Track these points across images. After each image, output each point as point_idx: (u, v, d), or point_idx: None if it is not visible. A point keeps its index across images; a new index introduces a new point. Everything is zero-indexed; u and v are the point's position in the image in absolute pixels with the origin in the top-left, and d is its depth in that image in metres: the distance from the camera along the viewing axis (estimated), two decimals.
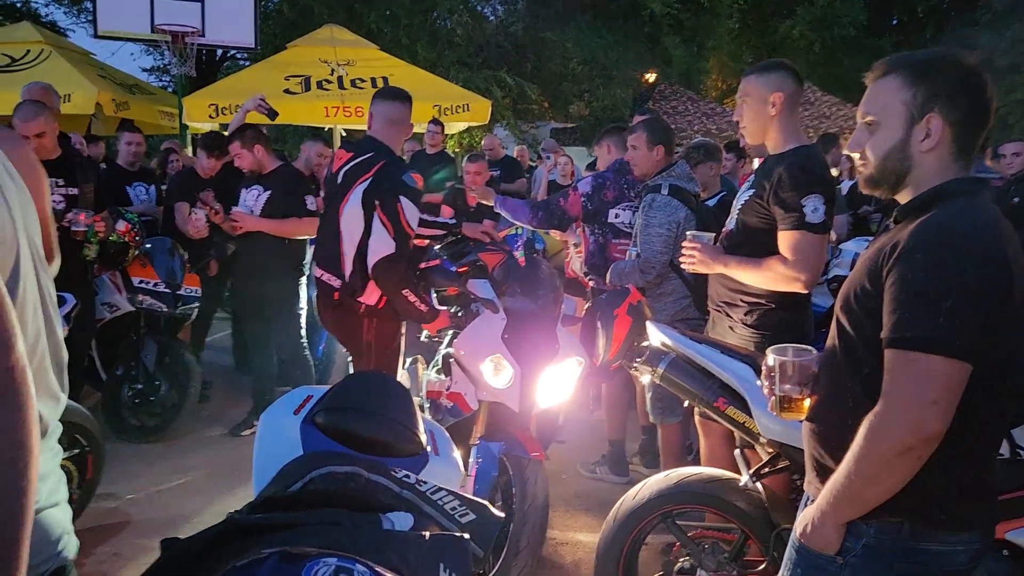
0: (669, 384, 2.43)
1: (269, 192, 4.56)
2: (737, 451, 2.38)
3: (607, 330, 2.91)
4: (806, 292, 2.64)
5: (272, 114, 5.45)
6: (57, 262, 2.28)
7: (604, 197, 3.99)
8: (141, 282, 4.72)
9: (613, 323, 2.90)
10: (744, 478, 2.28)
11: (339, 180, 3.32)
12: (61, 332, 1.21)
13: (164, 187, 5.86)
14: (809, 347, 1.70)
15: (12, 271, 1.03)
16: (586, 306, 3.72)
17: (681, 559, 2.37)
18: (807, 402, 1.65)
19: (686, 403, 2.72)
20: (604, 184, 4.02)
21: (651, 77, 17.70)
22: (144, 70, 21.79)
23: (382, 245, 3.15)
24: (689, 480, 2.34)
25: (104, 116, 8.98)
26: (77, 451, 3.34)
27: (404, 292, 3.18)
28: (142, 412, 4.75)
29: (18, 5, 17.58)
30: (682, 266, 2.95)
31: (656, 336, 2.50)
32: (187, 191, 5.22)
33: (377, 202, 3.16)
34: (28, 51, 8.89)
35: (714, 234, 2.92)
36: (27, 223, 1.13)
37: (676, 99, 17.56)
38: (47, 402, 1.14)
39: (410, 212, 3.18)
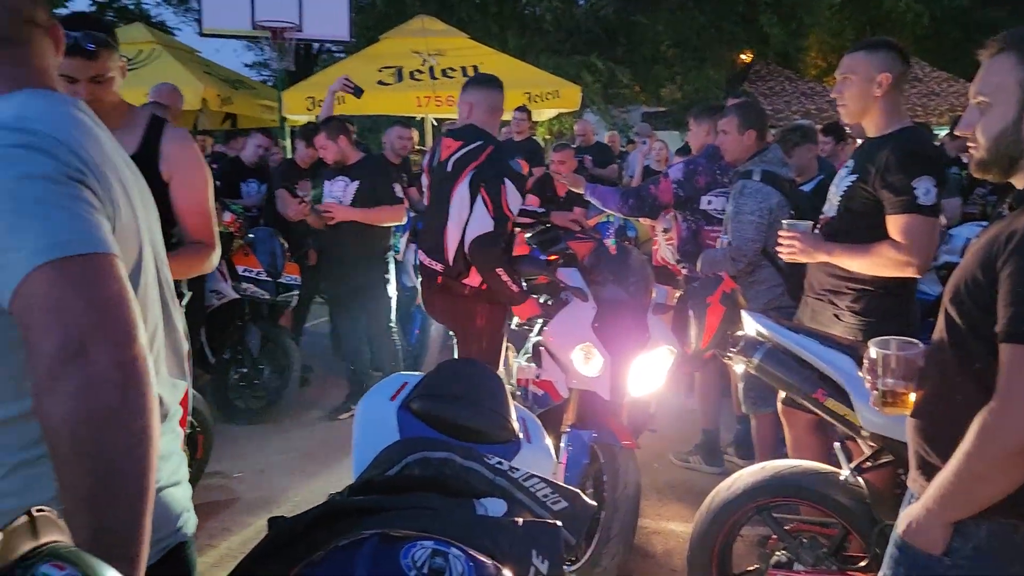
0: (765, 375, 2.38)
1: (357, 182, 4.70)
2: (837, 444, 2.31)
3: (700, 319, 2.86)
4: (917, 277, 2.57)
5: (358, 91, 5.57)
6: (217, 252, 2.42)
7: (696, 184, 3.92)
8: (245, 271, 4.91)
9: (706, 311, 2.85)
10: (845, 472, 2.21)
11: (449, 168, 3.38)
12: (182, 322, 1.28)
13: None
14: (914, 340, 1.64)
15: (135, 265, 1.09)
16: (678, 294, 3.67)
17: (778, 552, 2.32)
18: (912, 397, 1.59)
19: (782, 395, 2.66)
20: (696, 170, 3.94)
21: (746, 57, 17.20)
22: (246, 65, 22.63)
23: (481, 224, 3.21)
24: (786, 472, 2.28)
25: (210, 111, 9.39)
26: (189, 431, 3.52)
27: (498, 271, 3.23)
28: (247, 395, 4.96)
29: (130, 7, 18.54)
30: (781, 256, 2.87)
31: (752, 325, 2.45)
32: (287, 180, 5.42)
33: (482, 184, 3.23)
34: (140, 51, 9.37)
35: (811, 222, 2.84)
36: (149, 219, 1.19)
37: (773, 79, 16.99)
38: (167, 387, 1.21)
39: (512, 196, 3.24)
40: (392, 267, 5.03)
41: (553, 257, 3.59)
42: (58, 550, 0.62)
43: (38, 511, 0.64)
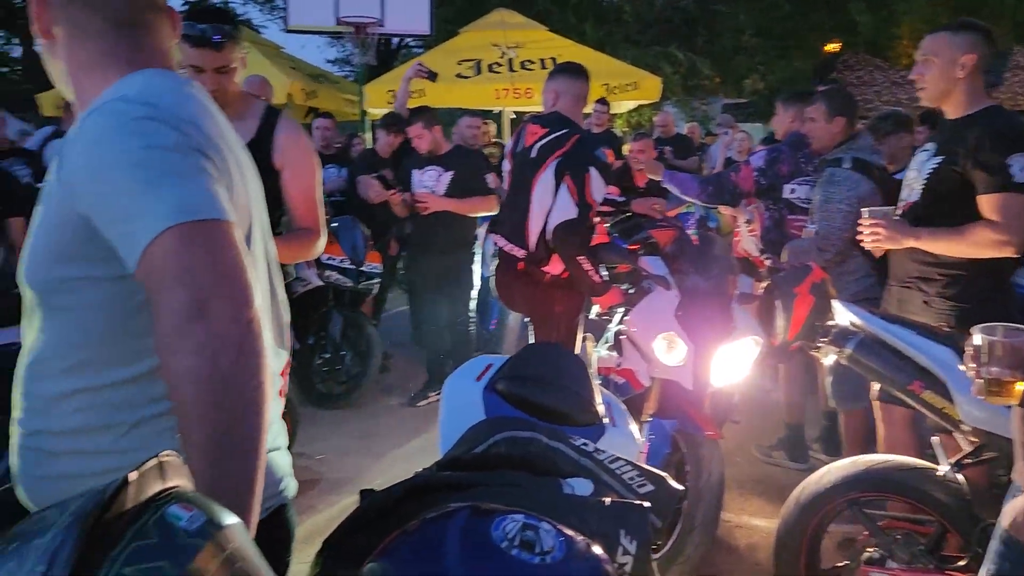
0: (858, 366, 2.30)
1: (452, 172, 4.74)
2: (935, 439, 2.22)
3: (787, 309, 2.79)
4: (1016, 257, 2.49)
5: (432, 75, 5.63)
6: (323, 239, 2.51)
7: (779, 171, 3.82)
8: (329, 259, 5.02)
9: (793, 302, 2.77)
10: (943, 468, 2.12)
11: (533, 154, 3.39)
12: (283, 296, 1.32)
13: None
14: (1021, 327, 1.56)
15: (245, 237, 1.14)
16: (764, 284, 3.59)
17: (869, 549, 2.25)
18: (1018, 386, 1.52)
19: (878, 388, 2.56)
20: (779, 158, 3.84)
21: (833, 47, 16.65)
22: (328, 61, 23.17)
23: (565, 210, 3.23)
24: (880, 467, 2.21)
25: (295, 105, 9.64)
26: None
27: (580, 259, 3.22)
28: (329, 380, 5.09)
29: (217, 5, 19.18)
30: (865, 245, 2.79)
31: (844, 315, 2.38)
32: (368, 168, 5.52)
33: (567, 172, 3.25)
34: (247, 49, 9.67)
35: (893, 207, 2.77)
36: (258, 196, 1.24)
37: (862, 69, 16.37)
38: (271, 355, 1.25)
39: (596, 185, 3.24)
40: (477, 256, 5.08)
41: (634, 246, 3.56)
42: (184, 493, 0.65)
43: (166, 455, 0.67)
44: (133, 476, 0.62)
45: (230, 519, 0.66)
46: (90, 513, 0.57)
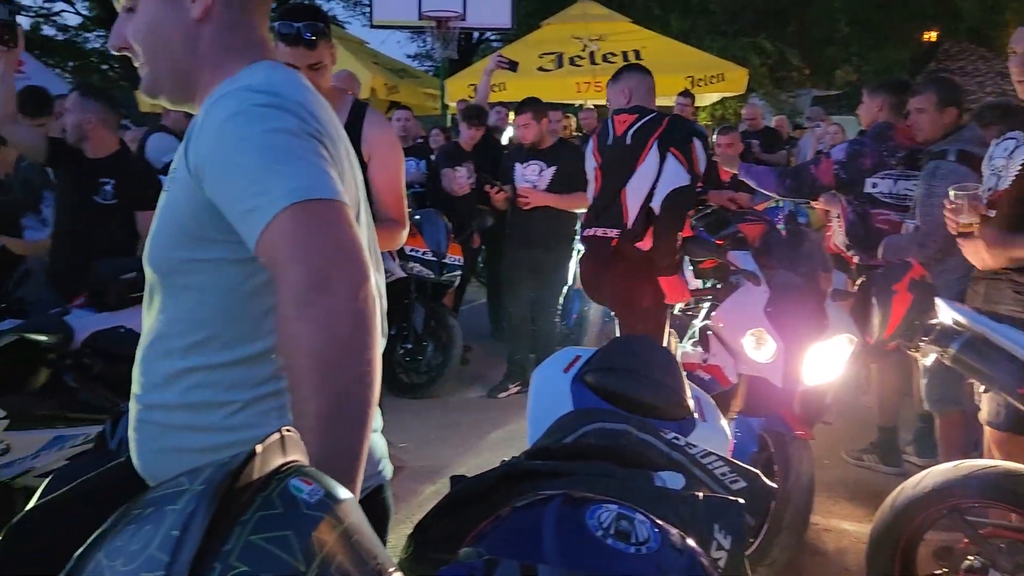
0: (962, 366, 2.21)
1: (554, 167, 4.77)
2: None
3: (884, 307, 2.70)
4: None
5: (513, 65, 5.64)
6: (406, 230, 2.58)
7: (861, 165, 3.67)
8: (412, 250, 5.10)
9: (891, 299, 2.68)
10: None
11: (628, 140, 3.42)
12: (382, 281, 1.36)
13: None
14: None
15: (355, 218, 1.18)
16: (859, 280, 3.47)
17: (970, 557, 2.15)
18: None
19: (982, 389, 2.44)
20: (861, 151, 3.69)
21: (933, 35, 15.92)
22: (409, 56, 23.52)
23: (677, 177, 3.28)
24: (984, 472, 2.10)
25: (377, 99, 9.82)
26: None
27: (678, 232, 3.27)
28: (411, 370, 5.17)
29: (308, 3, 19.65)
30: (951, 229, 2.66)
31: (947, 313, 2.28)
32: (451, 161, 5.57)
33: (671, 145, 3.29)
34: (337, 46, 9.92)
35: (980, 186, 2.63)
36: (361, 186, 1.28)
37: (964, 58, 15.63)
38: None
39: (701, 155, 3.30)
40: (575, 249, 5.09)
41: (722, 241, 3.49)
42: (304, 467, 0.67)
43: (287, 431, 0.69)
44: (259, 448, 0.64)
45: (344, 494, 0.68)
46: (221, 482, 0.60)
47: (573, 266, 5.03)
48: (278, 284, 0.96)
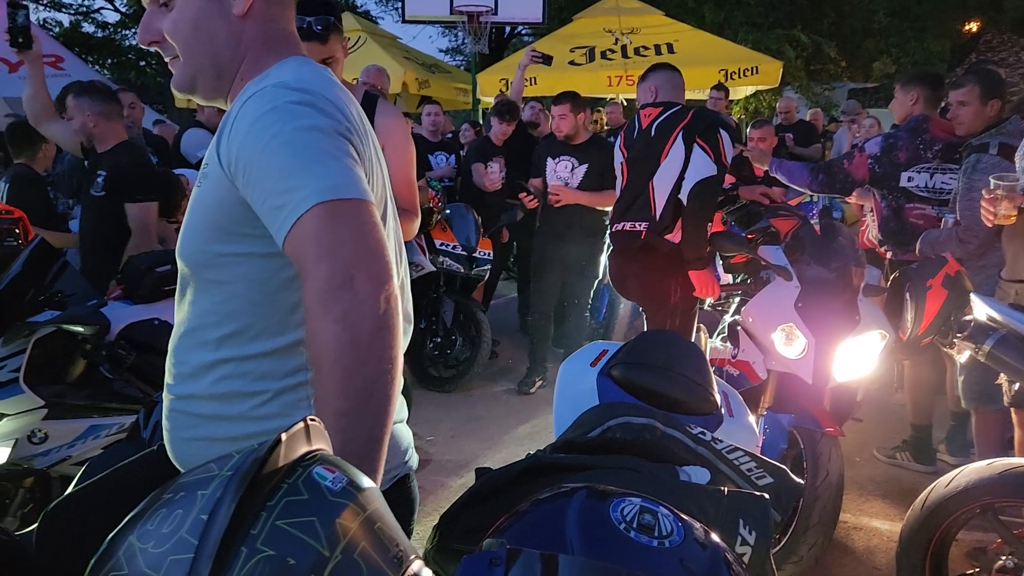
0: (996, 363, 2.17)
1: (586, 165, 4.76)
2: None
3: (918, 303, 2.66)
4: None
5: (547, 59, 5.62)
6: (419, 221, 2.59)
7: (896, 159, 3.61)
8: (442, 244, 5.13)
9: (925, 295, 2.65)
10: None
11: (653, 133, 3.41)
12: (406, 276, 1.37)
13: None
14: None
15: (382, 214, 1.19)
16: (892, 276, 3.42)
17: (1004, 557, 2.12)
18: None
19: (1016, 387, 2.40)
20: (896, 144, 3.63)
21: (974, 26, 15.57)
22: (440, 51, 23.61)
23: (704, 167, 3.26)
24: (1019, 471, 2.07)
25: (409, 94, 9.86)
26: None
27: (707, 224, 3.25)
28: (440, 364, 5.20)
29: None
30: (987, 221, 2.61)
31: (983, 310, 2.24)
32: (482, 155, 5.58)
33: (697, 136, 3.27)
34: (349, 38, 9.99)
35: (1019, 176, 2.57)
36: (387, 181, 1.29)
37: (1006, 50, 15.24)
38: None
39: (728, 146, 3.28)
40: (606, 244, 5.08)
41: (752, 236, 3.46)
42: (328, 456, 0.69)
43: (311, 420, 0.71)
44: (285, 437, 0.66)
45: (367, 482, 0.69)
46: (249, 468, 0.61)
47: (603, 261, 5.01)
48: (304, 281, 0.98)
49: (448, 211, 5.27)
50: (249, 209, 1.06)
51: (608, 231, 5.49)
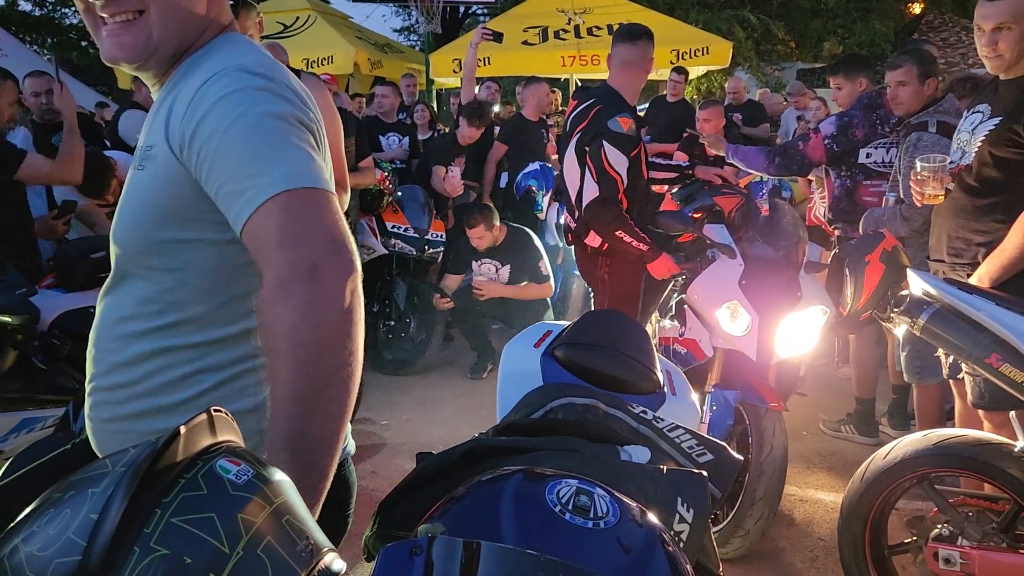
0: (931, 337, 2.21)
1: (509, 265, 4.96)
2: (1012, 414, 2.12)
3: (857, 278, 2.70)
4: None
5: (498, 37, 5.57)
6: (348, 195, 2.55)
7: (853, 137, 3.66)
8: (393, 227, 5.08)
9: (864, 270, 2.68)
10: (1021, 443, 2.03)
11: (567, 127, 3.41)
12: None
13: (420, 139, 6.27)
14: None
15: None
16: (833, 252, 3.48)
17: (939, 526, 2.18)
18: None
19: (950, 360, 2.46)
20: (851, 123, 3.68)
21: (917, 7, 15.86)
22: (394, 30, 23.29)
23: (590, 190, 3.21)
24: (952, 442, 2.12)
25: (361, 75, 9.71)
26: None
27: (618, 234, 3.19)
28: (394, 346, 5.16)
29: None
30: (916, 201, 2.68)
31: (918, 284, 2.28)
32: (445, 155, 5.50)
33: (586, 147, 3.22)
34: (297, 18, 9.80)
35: (946, 156, 2.66)
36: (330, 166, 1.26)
37: (947, 30, 15.59)
38: None
39: (613, 156, 3.17)
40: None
41: (698, 214, 3.48)
42: (233, 447, 0.66)
43: (215, 411, 0.68)
44: (183, 429, 0.63)
45: (277, 475, 0.67)
46: (142, 464, 0.58)
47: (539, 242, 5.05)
48: (263, 269, 0.95)
49: (400, 193, 5.21)
50: (200, 193, 1.02)
51: (548, 208, 5.55)
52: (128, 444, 1.09)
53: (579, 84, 9.10)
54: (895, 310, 2.32)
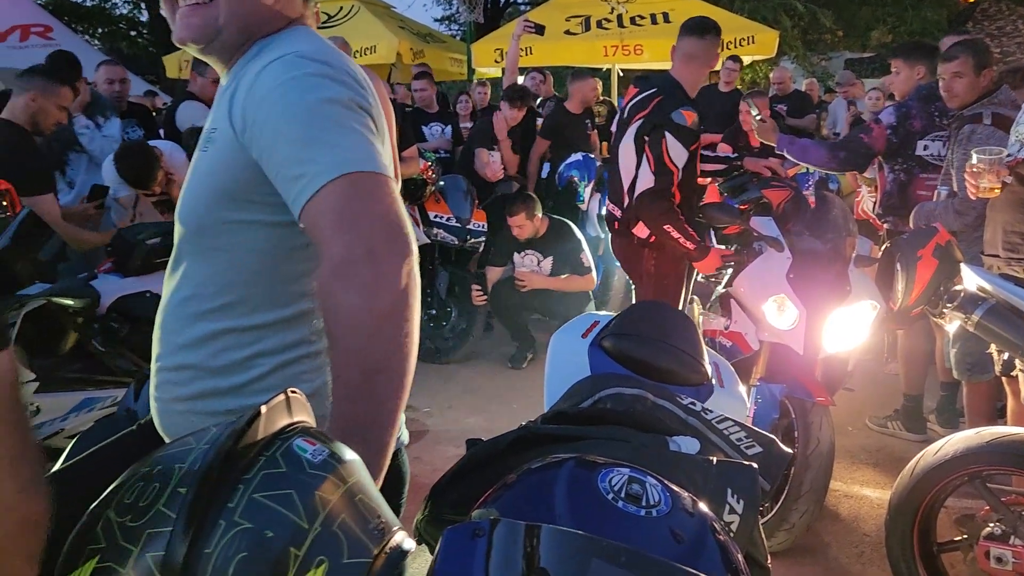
0: (985, 333, 2.18)
1: (551, 257, 4.94)
2: None
3: (908, 272, 2.66)
4: None
5: (540, 29, 5.57)
6: (397, 185, 2.57)
7: (911, 127, 3.59)
8: (436, 216, 5.11)
9: (916, 265, 2.64)
10: None
11: (624, 115, 3.37)
12: None
13: (462, 127, 6.28)
14: None
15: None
16: (883, 247, 3.42)
17: (991, 524, 2.14)
18: None
19: (1006, 355, 2.41)
20: (909, 113, 3.61)
21: None
22: (435, 20, 23.29)
23: (644, 179, 3.18)
24: (1006, 440, 2.08)
25: (403, 64, 9.75)
26: None
27: (666, 228, 3.17)
28: (435, 335, 5.20)
29: None
30: (971, 194, 2.61)
31: (972, 280, 2.25)
32: (487, 140, 5.52)
33: (646, 137, 3.18)
34: (341, 8, 9.87)
35: (1003, 149, 2.58)
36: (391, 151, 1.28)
37: (1003, 18, 15.11)
38: None
39: (674, 149, 3.14)
40: None
41: (745, 206, 3.45)
42: (309, 428, 0.69)
43: (292, 392, 0.70)
44: (264, 409, 0.65)
45: (349, 454, 0.69)
46: (226, 442, 0.61)
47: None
48: (322, 252, 0.98)
49: (442, 183, 5.23)
50: (259, 175, 1.05)
51: (590, 199, 5.53)
52: (190, 424, 1.14)
53: (620, 74, 9.05)
54: (948, 306, 2.29)
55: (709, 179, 4.46)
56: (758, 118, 3.96)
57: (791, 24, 12.91)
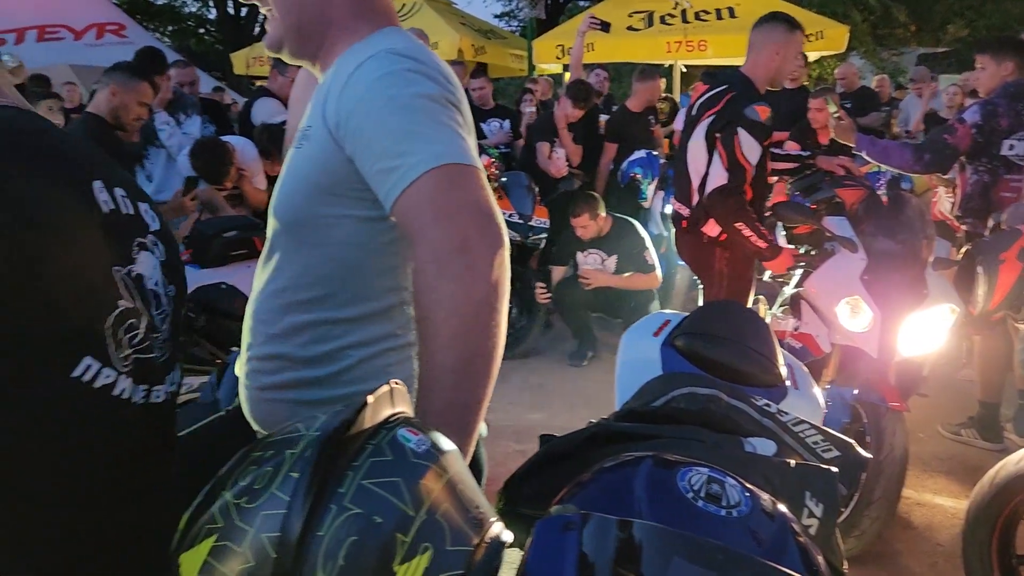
0: None
1: (615, 256, 4.95)
2: None
3: (990, 276, 2.58)
4: None
5: (606, 26, 5.55)
6: None
7: (997, 125, 3.45)
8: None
9: (999, 268, 2.56)
10: None
11: (694, 112, 3.32)
12: None
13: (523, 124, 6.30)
14: None
15: None
16: (964, 249, 3.31)
17: None
18: None
19: None
20: (996, 111, 3.47)
21: None
22: (495, 16, 23.32)
23: (717, 176, 3.12)
24: None
25: (464, 60, 9.80)
26: None
27: (738, 225, 3.11)
28: None
29: None
30: None
31: None
32: (549, 133, 5.52)
33: (717, 133, 3.12)
34: (404, 4, 9.98)
35: None
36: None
37: None
38: None
39: (747, 145, 3.07)
40: None
41: (815, 206, 3.38)
42: (411, 418, 0.70)
43: (395, 383, 0.72)
44: (371, 399, 0.67)
45: (449, 445, 0.71)
46: (336, 429, 0.63)
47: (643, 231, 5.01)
48: (417, 244, 1.01)
49: (505, 179, 5.26)
50: (352, 171, 1.08)
51: (653, 197, 5.48)
52: (278, 412, 1.18)
53: (683, 70, 8.94)
54: None
55: (776, 177, 4.37)
56: (836, 116, 3.84)
57: (862, 19, 12.56)
